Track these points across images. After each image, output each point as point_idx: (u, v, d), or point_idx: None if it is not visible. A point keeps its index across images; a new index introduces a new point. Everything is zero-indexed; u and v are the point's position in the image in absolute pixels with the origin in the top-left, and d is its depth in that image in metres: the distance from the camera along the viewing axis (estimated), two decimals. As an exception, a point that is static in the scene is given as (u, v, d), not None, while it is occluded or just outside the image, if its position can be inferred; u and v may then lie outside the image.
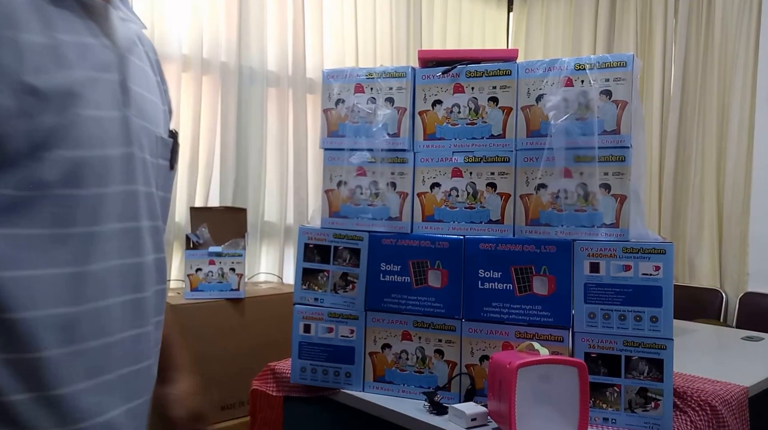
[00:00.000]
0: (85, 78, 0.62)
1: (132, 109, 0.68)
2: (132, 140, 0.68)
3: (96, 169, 0.63)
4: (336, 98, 1.31)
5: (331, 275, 1.31)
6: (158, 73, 0.79)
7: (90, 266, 0.63)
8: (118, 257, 0.67)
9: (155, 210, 0.73)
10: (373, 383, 1.29)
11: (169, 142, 0.76)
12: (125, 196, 0.67)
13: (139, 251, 0.69)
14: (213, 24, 2.69)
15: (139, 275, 0.70)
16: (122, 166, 0.66)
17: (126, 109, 0.67)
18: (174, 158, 0.77)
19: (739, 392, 1.31)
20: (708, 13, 3.26)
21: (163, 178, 0.76)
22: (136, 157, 0.68)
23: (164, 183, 0.76)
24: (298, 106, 2.96)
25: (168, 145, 0.76)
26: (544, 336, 1.17)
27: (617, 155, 1.15)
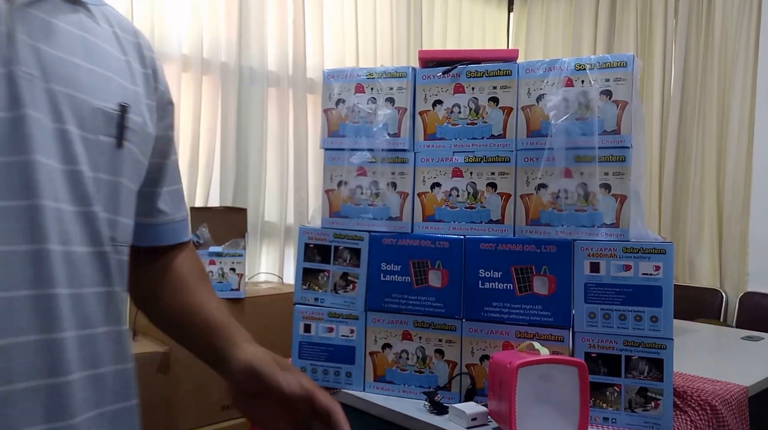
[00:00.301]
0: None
1: (25, 66, 0.58)
2: (24, 102, 0.58)
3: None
4: (336, 98, 1.31)
5: (331, 275, 1.31)
6: (128, 53, 0.73)
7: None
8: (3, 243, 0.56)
9: (86, 194, 0.63)
10: (374, 383, 1.29)
11: (113, 115, 0.66)
12: (9, 168, 0.57)
13: (40, 238, 0.58)
14: (213, 24, 2.69)
15: (42, 268, 0.58)
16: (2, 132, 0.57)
17: (13, 65, 0.58)
18: (123, 135, 0.67)
19: (739, 391, 1.32)
20: (708, 13, 3.26)
21: (108, 158, 0.65)
22: (32, 122, 0.58)
23: (110, 164, 0.66)
24: (298, 106, 2.96)
25: (112, 118, 0.66)
26: (545, 336, 1.18)
27: (617, 155, 1.15)
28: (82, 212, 0.62)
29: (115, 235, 0.67)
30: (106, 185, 0.65)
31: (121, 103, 0.67)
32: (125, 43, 0.72)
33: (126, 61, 0.71)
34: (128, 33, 0.74)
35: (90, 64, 0.65)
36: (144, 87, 0.73)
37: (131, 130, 0.68)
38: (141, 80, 0.73)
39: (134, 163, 0.70)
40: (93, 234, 0.64)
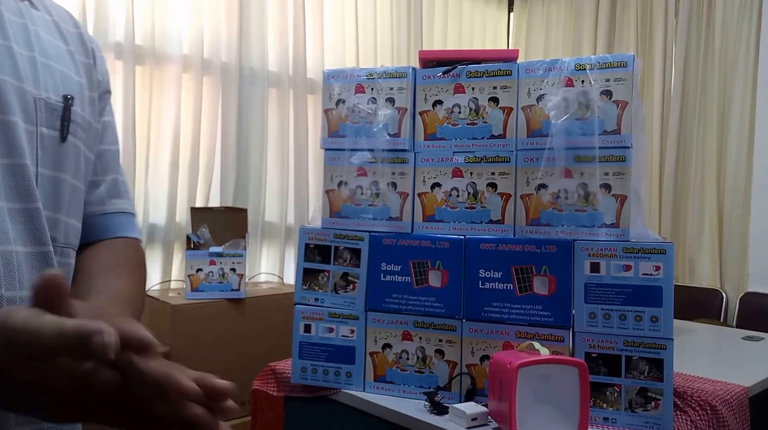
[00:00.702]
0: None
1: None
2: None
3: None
4: (337, 98, 1.31)
5: (331, 275, 1.31)
6: (70, 43, 0.70)
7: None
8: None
9: (28, 189, 0.58)
10: (374, 383, 1.29)
11: (56, 107, 0.62)
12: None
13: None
14: (213, 24, 2.69)
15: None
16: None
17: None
18: (66, 128, 0.63)
19: (740, 391, 1.32)
20: (708, 14, 3.26)
21: (50, 152, 0.62)
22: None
23: (53, 158, 0.62)
24: (298, 107, 2.96)
25: (56, 110, 0.62)
26: (545, 336, 1.18)
27: (618, 155, 1.15)
28: (22, 209, 0.58)
29: (57, 235, 0.62)
30: (47, 181, 0.61)
31: (65, 95, 0.64)
32: (66, 33, 0.69)
33: (68, 51, 0.68)
34: (69, 24, 0.71)
35: (32, 52, 0.62)
36: (86, 78, 0.70)
37: (75, 124, 0.65)
38: (84, 71, 0.70)
39: (79, 158, 0.66)
40: (35, 232, 0.59)
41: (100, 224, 0.73)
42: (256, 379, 1.46)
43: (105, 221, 0.74)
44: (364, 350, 1.29)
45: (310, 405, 1.35)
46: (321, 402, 1.33)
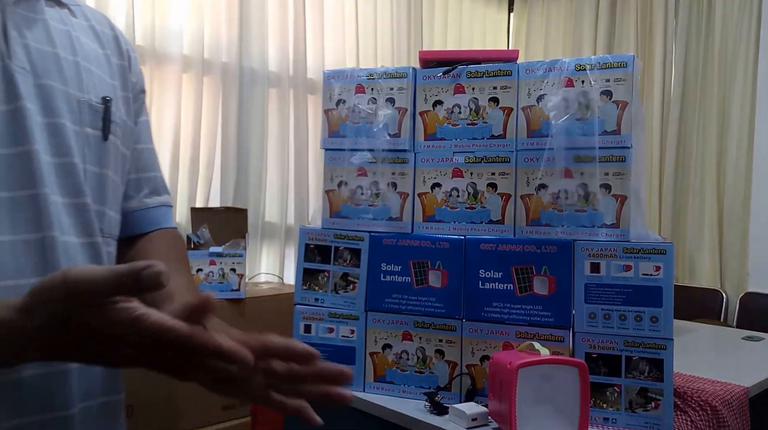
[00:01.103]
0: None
1: (20, 62, 0.61)
2: (20, 95, 0.60)
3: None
4: (337, 99, 1.31)
5: (331, 276, 1.31)
6: (107, 46, 0.74)
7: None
8: (10, 233, 0.58)
9: (78, 185, 0.64)
10: (374, 383, 1.29)
11: (98, 109, 0.67)
12: (11, 159, 0.59)
13: (45, 227, 0.60)
14: (214, 24, 2.69)
15: (49, 255, 0.60)
16: (2, 124, 0.59)
17: (7, 60, 0.60)
18: (107, 127, 0.68)
19: (740, 392, 1.32)
20: (708, 14, 3.26)
21: (95, 150, 0.67)
22: (27, 116, 0.60)
23: (97, 156, 0.67)
24: (299, 107, 2.96)
25: (97, 111, 0.67)
26: (545, 336, 1.18)
27: (618, 155, 1.15)
28: (73, 203, 0.63)
29: (103, 226, 0.68)
30: (93, 177, 0.66)
31: (105, 97, 0.69)
32: (103, 36, 0.74)
33: (105, 55, 0.72)
34: (105, 26, 0.75)
35: (75, 57, 0.67)
36: (120, 80, 0.74)
37: (115, 123, 0.69)
38: (118, 73, 0.74)
39: (118, 155, 0.71)
40: (84, 225, 0.64)
41: (144, 217, 0.79)
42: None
43: (148, 214, 0.79)
44: (364, 351, 1.29)
45: (310, 405, 1.35)
46: (321, 402, 1.33)
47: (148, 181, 0.80)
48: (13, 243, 0.58)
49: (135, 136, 0.78)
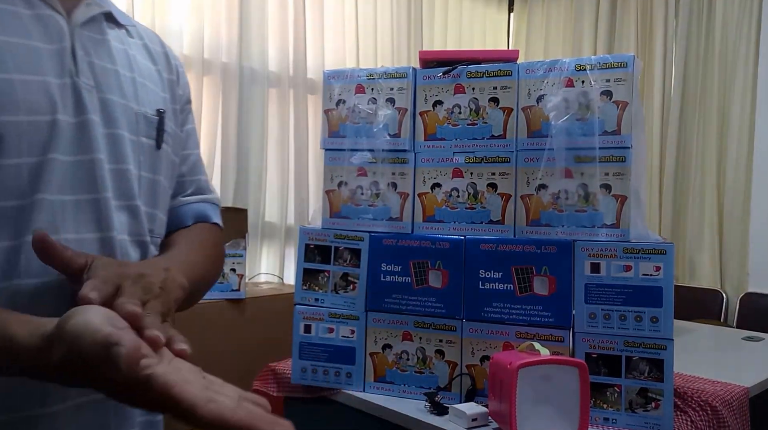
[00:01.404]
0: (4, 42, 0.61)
1: (87, 79, 0.67)
2: (87, 109, 0.66)
3: (28, 136, 0.61)
4: (337, 99, 1.31)
5: (331, 276, 1.31)
6: (158, 62, 0.80)
7: (28, 237, 0.60)
8: (75, 232, 0.64)
9: (132, 189, 0.70)
10: (374, 384, 1.29)
11: (153, 120, 0.74)
12: (78, 166, 0.65)
13: (106, 227, 0.67)
14: (214, 24, 2.69)
15: (109, 253, 0.67)
16: (72, 135, 0.65)
17: (76, 77, 0.66)
18: (161, 137, 0.75)
19: (740, 392, 1.32)
20: (708, 14, 3.26)
21: (149, 158, 0.73)
22: (93, 127, 0.66)
23: (150, 163, 0.74)
24: (299, 107, 2.96)
25: (152, 123, 0.74)
26: (545, 336, 1.18)
27: (618, 156, 1.15)
28: (127, 206, 0.70)
29: (153, 227, 0.75)
30: (147, 182, 0.73)
31: (159, 109, 0.76)
32: (155, 54, 0.81)
33: (157, 71, 0.80)
34: (156, 44, 0.83)
35: (132, 73, 0.74)
36: (170, 93, 0.81)
37: (167, 134, 0.77)
38: (168, 87, 0.81)
39: (169, 163, 0.78)
40: (136, 225, 0.71)
41: (185, 212, 0.85)
42: (256, 379, 1.46)
43: (189, 209, 0.85)
44: (364, 351, 1.29)
45: (310, 405, 1.35)
46: (321, 402, 1.34)
47: (191, 183, 0.87)
48: (77, 241, 0.64)
49: (182, 143, 0.85)
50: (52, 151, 0.63)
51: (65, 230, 0.64)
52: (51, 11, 0.66)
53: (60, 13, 0.67)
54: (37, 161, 0.62)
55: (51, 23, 0.66)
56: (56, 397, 0.63)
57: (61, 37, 0.66)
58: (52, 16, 0.66)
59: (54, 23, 0.66)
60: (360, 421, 1.28)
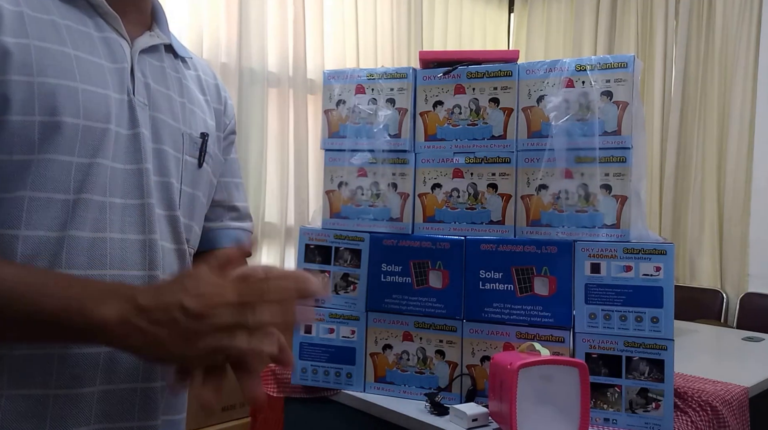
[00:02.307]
0: (75, 56, 0.69)
1: (141, 97, 0.74)
2: (138, 124, 0.73)
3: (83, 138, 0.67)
4: (337, 99, 1.31)
5: (332, 276, 1.31)
6: (208, 93, 0.88)
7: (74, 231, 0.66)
8: (120, 232, 0.70)
9: (173, 200, 0.76)
10: (374, 384, 1.29)
11: (197, 141, 0.82)
12: (131, 174, 0.72)
13: (150, 230, 0.73)
14: (213, 25, 2.69)
15: (151, 254, 0.72)
16: (124, 145, 0.72)
17: (132, 95, 0.73)
18: (203, 158, 0.82)
19: (740, 392, 1.32)
20: (709, 14, 3.26)
21: (191, 175, 0.80)
22: (143, 140, 0.73)
23: (192, 179, 0.80)
24: (298, 107, 2.96)
25: (196, 143, 0.81)
26: (545, 337, 1.18)
27: (618, 156, 1.15)
28: (168, 215, 0.76)
29: (189, 237, 0.81)
30: (187, 196, 0.80)
31: (203, 132, 0.83)
32: (206, 85, 0.89)
33: (206, 100, 0.88)
34: (209, 76, 0.91)
35: (183, 98, 0.81)
36: (215, 121, 0.88)
37: (209, 155, 0.84)
38: (214, 116, 0.89)
39: (208, 181, 0.85)
40: (176, 233, 0.77)
41: (222, 235, 0.92)
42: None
43: (226, 233, 0.93)
44: (365, 351, 1.29)
45: (311, 406, 1.35)
46: (321, 403, 1.34)
47: (233, 208, 0.94)
48: (122, 241, 0.70)
49: (224, 170, 0.93)
50: (101, 156, 0.69)
51: (112, 230, 0.69)
52: (117, 36, 0.74)
53: (125, 38, 0.75)
54: (87, 163, 0.68)
55: (116, 46, 0.73)
56: (85, 380, 0.67)
57: (123, 58, 0.73)
58: (117, 40, 0.74)
59: (118, 46, 0.74)
60: (360, 421, 1.28)
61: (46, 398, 0.66)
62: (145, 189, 0.73)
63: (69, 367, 0.66)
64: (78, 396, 0.67)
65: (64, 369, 0.66)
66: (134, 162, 0.72)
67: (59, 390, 0.66)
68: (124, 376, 0.70)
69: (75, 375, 0.67)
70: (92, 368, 0.67)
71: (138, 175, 0.72)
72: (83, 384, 0.67)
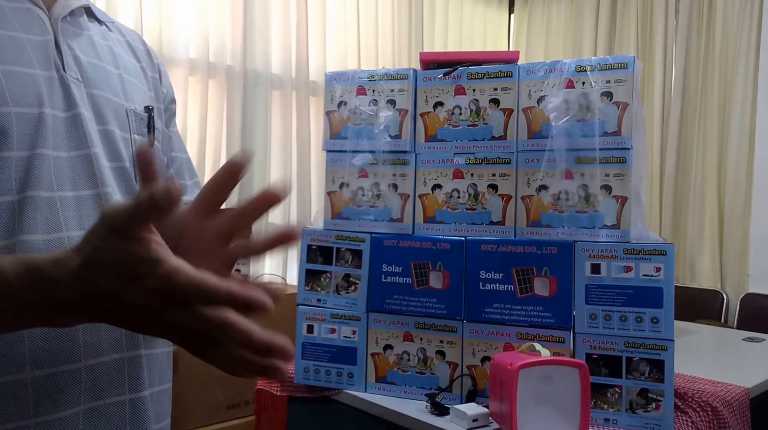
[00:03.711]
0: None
1: (73, 73, 0.65)
2: (76, 104, 0.64)
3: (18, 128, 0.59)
4: (338, 100, 1.32)
5: (333, 276, 1.31)
6: (142, 60, 0.79)
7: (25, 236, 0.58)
8: (78, 228, 0.62)
9: (132, 187, 0.69)
10: (375, 384, 1.30)
11: (143, 117, 0.73)
12: (77, 161, 0.63)
13: None
14: (219, 28, 2.71)
15: None
16: (64, 129, 0.63)
17: (64, 72, 0.64)
18: (153, 134, 0.74)
19: (740, 393, 1.32)
20: (709, 14, 3.26)
21: None
22: (85, 122, 0.64)
23: None
24: (301, 109, 2.97)
25: (143, 119, 0.73)
26: (545, 337, 1.18)
27: (618, 157, 1.15)
28: None
29: None
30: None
31: (147, 106, 0.74)
32: (137, 51, 0.79)
33: (141, 68, 0.78)
34: (138, 42, 0.81)
35: (118, 70, 0.72)
36: (154, 91, 0.79)
37: (157, 131, 0.75)
38: (152, 85, 0.79)
39: (160, 161, 0.77)
40: None
41: None
42: (259, 379, 1.46)
43: None
44: (366, 351, 1.30)
45: (313, 405, 1.36)
46: (323, 402, 1.34)
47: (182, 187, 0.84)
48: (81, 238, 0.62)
49: (170, 145, 0.83)
50: (40, 146, 0.60)
51: (68, 227, 0.61)
52: (30, 4, 0.64)
53: (39, 7, 0.65)
54: (27, 156, 0.59)
55: (31, 16, 0.64)
56: (69, 401, 0.61)
57: (43, 30, 0.64)
58: (32, 9, 0.64)
59: (35, 16, 0.64)
60: (361, 421, 1.28)
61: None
62: (99, 177, 0.64)
63: (44, 390, 0.59)
64: (61, 420, 0.61)
65: (39, 393, 0.59)
66: (79, 148, 0.63)
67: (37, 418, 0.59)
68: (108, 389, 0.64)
69: (55, 398, 0.60)
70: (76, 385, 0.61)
71: (87, 162, 0.64)
72: (66, 406, 0.61)
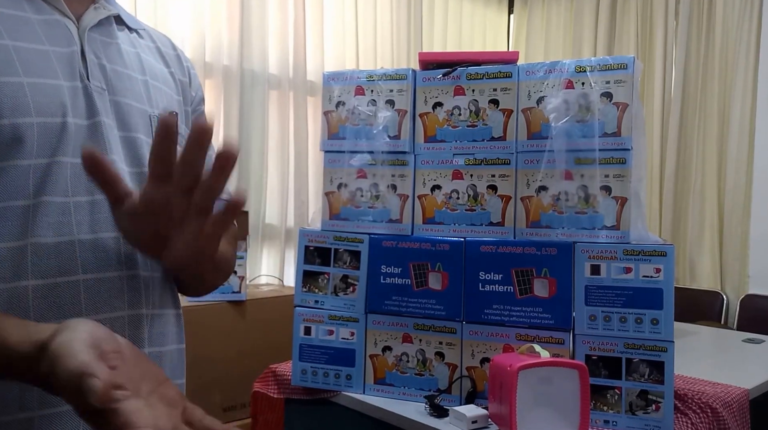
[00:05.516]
0: (14, 47, 0.62)
1: (98, 82, 0.68)
2: (98, 111, 0.67)
3: (39, 138, 0.62)
4: (336, 100, 1.31)
5: (331, 278, 1.31)
6: (171, 65, 0.81)
7: (36, 238, 0.62)
8: (90, 232, 0.65)
9: None
10: (374, 386, 1.29)
11: None
12: None
13: None
14: (215, 28, 2.70)
15: (128, 251, 0.67)
16: (84, 137, 0.65)
17: (87, 80, 0.67)
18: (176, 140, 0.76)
19: (740, 394, 1.31)
20: (709, 15, 3.26)
21: None
22: (106, 128, 0.67)
23: None
24: (298, 109, 2.96)
25: None
26: (545, 338, 1.17)
27: (618, 157, 1.15)
28: None
29: None
30: None
31: (171, 112, 0.75)
32: (167, 56, 0.82)
33: (170, 73, 0.81)
34: (168, 47, 0.84)
35: (145, 76, 0.75)
36: (182, 95, 0.82)
37: (181, 136, 0.76)
38: (181, 89, 0.82)
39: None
40: None
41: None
42: (256, 381, 1.46)
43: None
44: (364, 353, 1.29)
45: (311, 407, 1.35)
46: (321, 404, 1.33)
47: None
48: (94, 242, 0.65)
49: None
50: (60, 154, 0.63)
51: (80, 231, 0.64)
52: (60, 16, 0.67)
53: (69, 18, 0.68)
54: (45, 163, 0.62)
55: (60, 28, 0.66)
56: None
57: (70, 41, 0.67)
58: (60, 21, 0.67)
59: (63, 28, 0.67)
60: (360, 423, 1.27)
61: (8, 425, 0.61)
62: None
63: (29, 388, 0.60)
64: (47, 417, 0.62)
65: (24, 391, 0.61)
66: None
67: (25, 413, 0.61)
68: None
69: (41, 395, 0.62)
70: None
71: None
72: (51, 405, 0.62)
